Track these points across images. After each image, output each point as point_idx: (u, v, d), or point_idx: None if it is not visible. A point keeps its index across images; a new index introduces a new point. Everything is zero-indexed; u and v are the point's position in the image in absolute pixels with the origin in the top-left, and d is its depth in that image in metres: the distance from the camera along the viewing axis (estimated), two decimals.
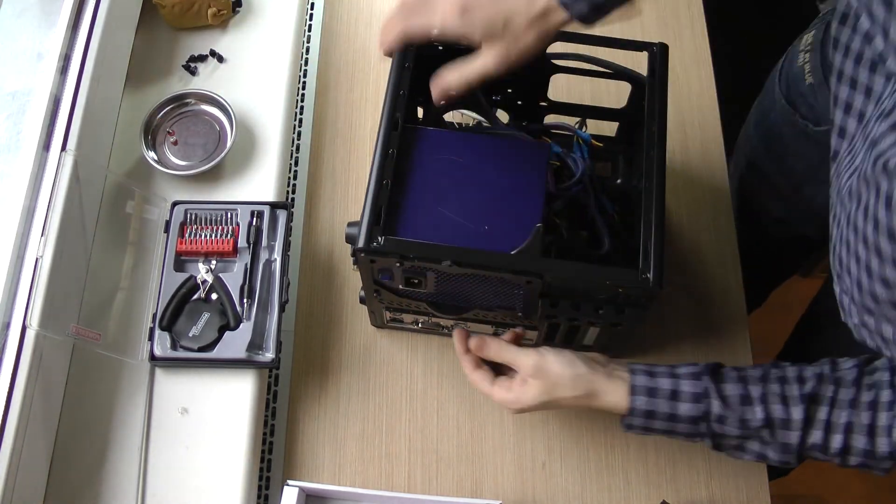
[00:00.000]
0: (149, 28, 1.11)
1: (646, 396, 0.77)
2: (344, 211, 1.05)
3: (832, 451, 0.73)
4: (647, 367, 0.79)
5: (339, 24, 1.19)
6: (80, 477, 0.87)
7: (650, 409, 0.77)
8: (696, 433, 0.77)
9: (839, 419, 0.72)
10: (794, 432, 0.74)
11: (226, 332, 0.91)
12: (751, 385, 0.76)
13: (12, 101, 0.95)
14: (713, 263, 1.03)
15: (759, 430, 0.75)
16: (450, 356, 0.97)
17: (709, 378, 0.76)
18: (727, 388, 0.76)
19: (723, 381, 0.77)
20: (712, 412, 0.75)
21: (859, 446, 0.72)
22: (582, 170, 0.90)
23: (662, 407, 0.77)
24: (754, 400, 0.75)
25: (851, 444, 0.72)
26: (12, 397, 0.80)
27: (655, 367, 0.79)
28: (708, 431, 0.77)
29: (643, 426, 0.78)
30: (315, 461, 0.92)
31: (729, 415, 0.75)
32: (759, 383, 0.76)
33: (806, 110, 0.98)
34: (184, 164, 1.02)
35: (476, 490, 0.91)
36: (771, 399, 0.74)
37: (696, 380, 0.77)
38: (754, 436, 0.76)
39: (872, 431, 0.71)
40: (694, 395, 0.76)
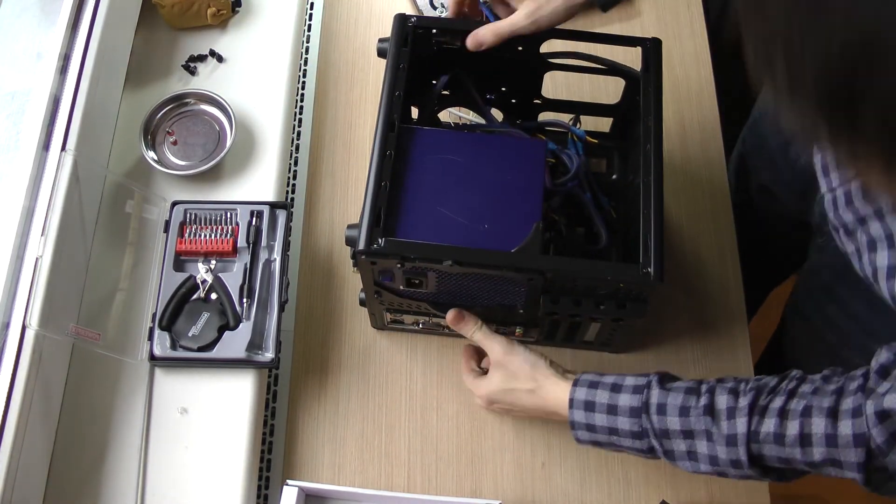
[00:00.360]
0: (148, 28, 1.11)
1: (584, 410, 0.77)
2: (343, 210, 1.05)
3: (789, 440, 0.66)
4: (592, 378, 0.78)
5: (338, 24, 1.19)
6: (79, 477, 0.87)
7: (589, 422, 0.77)
8: (639, 445, 0.75)
9: (797, 406, 0.67)
10: (739, 420, 0.68)
11: (225, 331, 0.91)
12: (702, 383, 0.73)
13: (12, 101, 0.95)
14: (713, 262, 1.03)
15: (700, 417, 0.70)
16: (449, 356, 0.97)
17: (656, 376, 0.75)
18: (674, 383, 0.75)
19: (671, 378, 0.76)
20: (651, 403, 0.73)
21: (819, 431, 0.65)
22: (577, 166, 0.90)
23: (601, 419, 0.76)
24: (700, 392, 0.72)
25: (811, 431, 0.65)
26: (12, 397, 0.80)
27: (602, 378, 0.78)
28: (650, 427, 0.73)
29: (589, 440, 0.78)
30: (314, 461, 0.92)
31: (668, 401, 0.72)
32: (712, 382, 0.73)
33: None
34: (183, 164, 1.02)
35: (476, 490, 0.91)
36: (718, 391, 0.71)
37: (638, 383, 0.76)
38: (698, 429, 0.71)
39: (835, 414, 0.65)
40: (634, 387, 0.75)
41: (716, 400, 0.71)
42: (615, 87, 0.94)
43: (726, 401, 0.70)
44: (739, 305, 1.01)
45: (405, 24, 0.88)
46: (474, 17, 0.92)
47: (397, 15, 0.89)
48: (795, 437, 0.66)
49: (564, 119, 0.97)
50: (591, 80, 1.10)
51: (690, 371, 0.97)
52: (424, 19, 0.90)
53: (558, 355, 0.90)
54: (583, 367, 0.89)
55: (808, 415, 0.66)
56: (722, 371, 0.96)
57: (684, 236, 1.04)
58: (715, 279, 1.02)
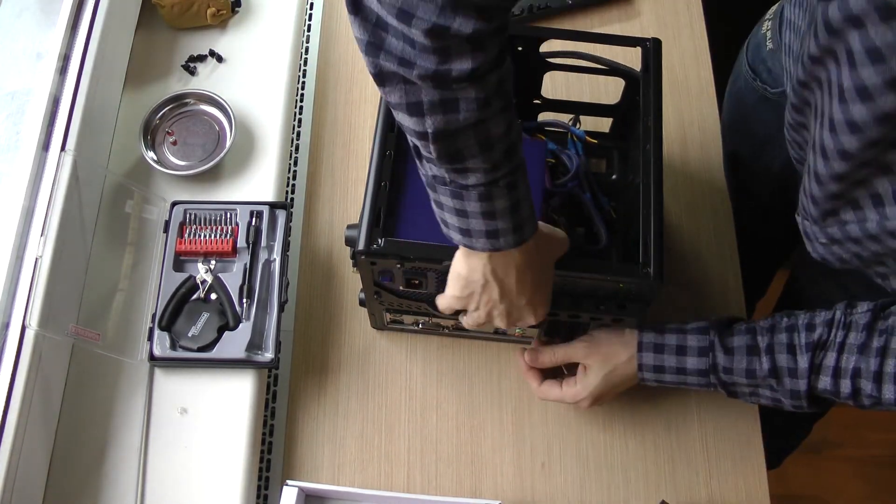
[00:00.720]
0: (148, 28, 1.11)
1: (653, 353, 0.82)
2: (343, 210, 1.05)
3: (843, 395, 0.74)
4: (657, 325, 0.83)
5: (338, 23, 1.19)
6: (79, 477, 0.87)
7: (658, 364, 0.82)
8: (707, 384, 0.81)
9: (847, 364, 0.73)
10: (801, 380, 0.76)
11: (225, 332, 0.91)
12: (758, 336, 0.78)
13: (12, 101, 0.95)
14: (712, 261, 1.03)
15: (765, 378, 0.77)
16: (449, 356, 0.97)
17: (715, 332, 0.80)
18: (733, 341, 0.79)
19: (731, 334, 0.80)
20: (718, 364, 0.79)
21: (867, 391, 0.72)
22: (577, 166, 0.90)
23: (670, 361, 0.81)
24: (760, 350, 0.77)
25: (860, 388, 0.73)
26: (12, 397, 0.80)
27: (665, 324, 0.83)
28: (718, 381, 0.80)
29: (655, 380, 0.83)
30: (314, 461, 0.92)
31: (734, 366, 0.78)
32: (766, 333, 0.78)
33: (766, 75, 1.01)
34: (183, 164, 1.02)
35: (475, 490, 0.91)
36: (777, 349, 0.77)
37: (702, 334, 0.80)
38: (763, 384, 0.78)
39: (879, 378, 0.71)
40: (699, 349, 0.80)
41: (776, 359, 0.77)
42: (615, 87, 0.94)
43: (786, 360, 0.76)
44: (739, 305, 1.01)
45: None
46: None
47: None
48: (849, 394, 0.74)
49: (564, 119, 0.97)
50: (591, 80, 1.10)
51: None
52: None
53: None
54: None
55: (857, 375, 0.73)
56: None
57: (684, 236, 1.04)
58: (715, 279, 1.02)
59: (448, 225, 0.71)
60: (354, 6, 0.60)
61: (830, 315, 0.75)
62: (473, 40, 0.58)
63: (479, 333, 0.96)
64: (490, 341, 0.97)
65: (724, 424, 0.94)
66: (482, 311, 0.77)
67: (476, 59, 0.59)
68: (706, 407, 0.95)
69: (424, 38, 0.57)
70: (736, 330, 0.80)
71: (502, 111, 0.64)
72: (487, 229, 0.68)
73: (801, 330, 0.76)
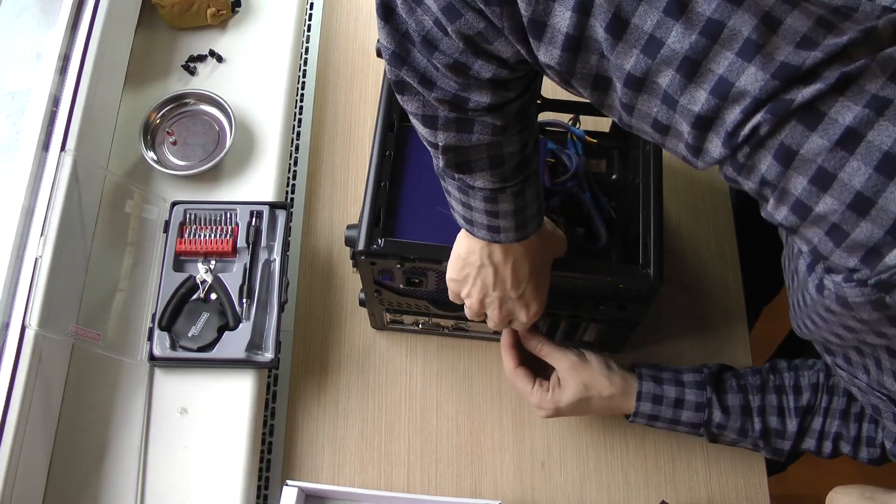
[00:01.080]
0: (148, 28, 1.11)
1: (651, 403, 0.82)
2: (343, 210, 1.05)
3: (824, 453, 0.82)
4: (653, 373, 0.83)
5: (338, 24, 1.19)
6: (79, 477, 0.87)
7: (654, 413, 0.83)
8: (695, 433, 0.84)
9: (831, 428, 0.80)
10: (787, 441, 0.81)
11: (225, 332, 0.91)
12: (751, 395, 0.82)
13: (12, 101, 0.95)
14: (713, 262, 1.03)
15: (756, 438, 0.82)
16: (449, 356, 0.97)
17: (712, 388, 0.82)
18: (728, 399, 0.82)
19: (725, 391, 0.82)
20: (713, 420, 0.82)
21: (845, 451, 0.81)
22: (576, 165, 0.90)
23: (666, 413, 0.82)
24: (753, 411, 0.81)
25: (840, 450, 0.81)
26: (12, 397, 0.80)
27: (661, 373, 0.83)
28: (707, 433, 0.84)
29: (646, 424, 0.85)
30: (314, 461, 0.92)
31: (729, 424, 0.82)
32: (758, 393, 0.82)
33: None
34: (183, 164, 1.02)
35: (475, 490, 0.91)
36: (769, 411, 0.81)
37: (699, 389, 0.82)
38: (749, 441, 0.83)
39: (858, 442, 0.80)
40: (697, 404, 0.82)
41: (767, 421, 0.81)
42: None
43: (776, 423, 0.81)
44: (739, 305, 1.01)
45: None
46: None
47: None
48: (829, 453, 0.82)
49: (564, 119, 0.97)
50: None
51: None
52: None
53: None
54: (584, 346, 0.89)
55: (839, 438, 0.80)
56: None
57: (684, 236, 1.04)
58: (715, 279, 1.02)
59: (453, 209, 0.71)
60: (385, 13, 0.58)
61: (815, 378, 0.81)
62: (494, 82, 0.57)
63: (479, 334, 0.96)
64: (490, 341, 0.97)
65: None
66: (475, 297, 0.76)
67: (496, 96, 0.58)
68: None
69: (446, 70, 0.57)
70: (729, 387, 0.82)
71: (519, 133, 0.64)
72: (489, 224, 0.69)
73: (790, 392, 0.81)
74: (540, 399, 0.84)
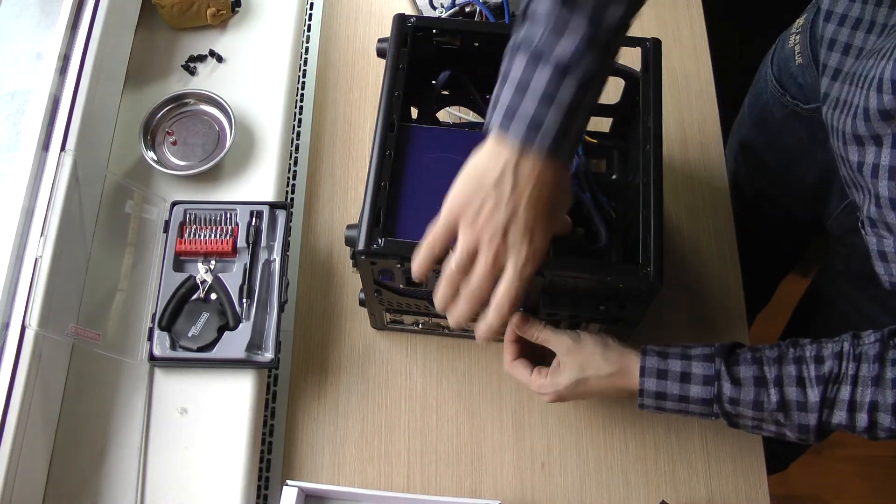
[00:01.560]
0: (148, 28, 1.11)
1: (655, 378, 0.78)
2: (343, 211, 1.05)
3: (859, 428, 0.73)
4: (659, 349, 0.80)
5: (338, 23, 1.19)
6: (79, 477, 0.87)
7: (660, 391, 0.78)
8: (709, 413, 0.78)
9: (864, 398, 0.72)
10: (811, 414, 0.73)
11: (225, 332, 0.91)
12: (766, 366, 0.76)
13: (12, 101, 0.95)
14: (713, 262, 1.03)
15: (773, 412, 0.75)
16: (449, 356, 0.97)
17: (721, 360, 0.77)
18: (740, 371, 0.76)
19: (736, 363, 0.77)
20: (724, 395, 0.76)
21: (885, 424, 0.72)
22: (576, 165, 0.90)
23: (673, 389, 0.78)
24: (769, 382, 0.75)
25: (878, 421, 0.72)
26: (12, 397, 0.80)
27: (668, 349, 0.80)
28: (721, 411, 0.77)
29: (655, 406, 0.79)
30: (314, 461, 0.92)
31: (741, 397, 0.75)
32: (774, 364, 0.75)
33: (795, 90, 1.00)
34: (183, 164, 1.02)
35: (475, 490, 0.91)
36: (786, 381, 0.74)
37: (707, 362, 0.77)
38: (769, 418, 0.76)
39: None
40: (705, 377, 0.77)
41: (785, 392, 0.74)
42: (615, 87, 0.93)
43: (796, 394, 0.74)
44: (739, 305, 1.01)
45: (405, 24, 0.88)
46: None
47: (396, 15, 0.89)
48: (865, 427, 0.72)
49: None
50: None
51: None
52: (424, 19, 0.90)
53: None
54: None
55: (874, 409, 0.71)
56: None
57: (684, 236, 1.04)
58: (715, 279, 1.02)
59: (497, 103, 0.70)
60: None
61: (839, 347, 0.74)
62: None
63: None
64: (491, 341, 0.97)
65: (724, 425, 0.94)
66: (477, 227, 0.70)
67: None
68: None
69: None
70: (742, 359, 0.77)
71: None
72: (534, 116, 0.68)
73: (810, 362, 0.74)
74: (539, 384, 0.83)
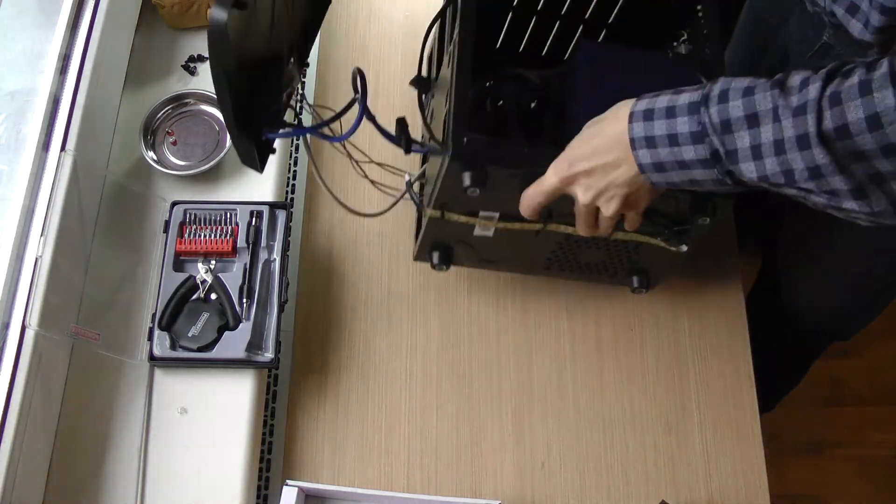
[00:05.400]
0: (148, 28, 1.11)
1: (643, 122, 0.68)
2: (343, 210, 1.05)
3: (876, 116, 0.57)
4: (646, 106, 0.69)
5: (338, 23, 1.19)
6: (79, 477, 0.87)
7: (649, 134, 0.67)
8: (701, 146, 0.65)
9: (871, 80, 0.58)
10: (813, 85, 0.59)
11: (225, 332, 0.91)
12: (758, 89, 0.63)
13: (12, 101, 0.95)
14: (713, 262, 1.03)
15: (768, 93, 0.62)
16: (449, 356, 0.97)
17: (710, 83, 0.66)
18: (730, 94, 0.64)
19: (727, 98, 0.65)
20: (712, 94, 0.64)
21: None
22: None
23: (660, 129, 0.67)
24: (773, 77, 0.63)
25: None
26: (12, 397, 0.80)
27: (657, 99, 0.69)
28: (709, 125, 0.64)
29: (652, 164, 0.68)
30: (314, 461, 0.92)
31: (732, 86, 0.64)
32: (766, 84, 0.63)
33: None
34: (183, 164, 1.02)
35: (475, 490, 0.91)
36: (793, 73, 0.62)
37: (694, 91, 0.67)
38: (764, 111, 0.62)
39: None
40: (690, 105, 0.66)
41: (789, 77, 0.62)
42: None
43: (800, 77, 0.61)
44: (739, 305, 1.01)
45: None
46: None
47: None
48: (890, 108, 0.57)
49: None
50: None
51: (690, 370, 0.97)
52: None
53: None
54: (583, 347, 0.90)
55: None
56: (722, 370, 0.97)
57: None
58: (715, 279, 1.02)
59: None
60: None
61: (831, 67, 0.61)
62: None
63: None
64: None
65: (724, 424, 0.94)
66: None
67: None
68: (706, 407, 0.95)
69: None
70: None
71: None
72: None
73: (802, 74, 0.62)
74: (531, 190, 0.75)
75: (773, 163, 0.62)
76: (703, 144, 0.65)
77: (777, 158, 0.62)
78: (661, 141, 0.67)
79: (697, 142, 0.65)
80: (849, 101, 0.58)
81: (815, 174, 0.60)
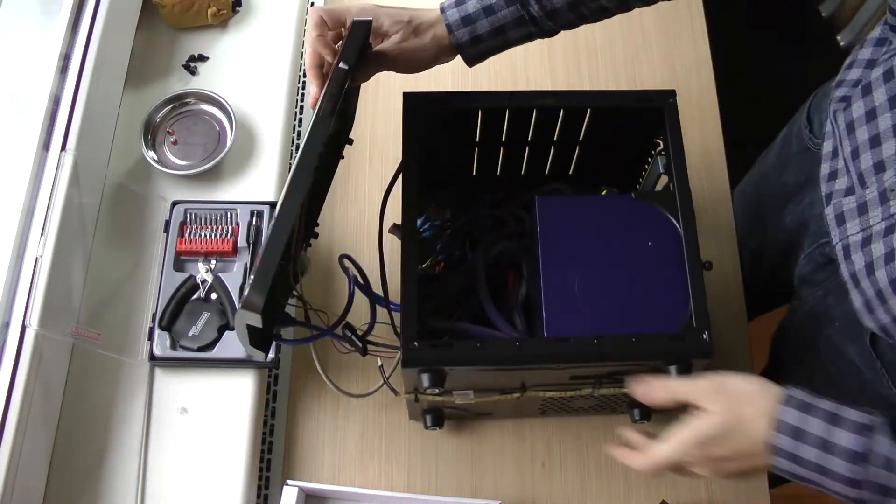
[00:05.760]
0: (149, 28, 1.11)
1: (791, 438, 0.65)
2: (343, 211, 1.05)
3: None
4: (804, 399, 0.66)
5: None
6: (80, 477, 0.87)
7: (795, 452, 0.65)
8: (853, 490, 0.63)
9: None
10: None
11: (225, 331, 0.91)
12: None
13: (12, 101, 0.95)
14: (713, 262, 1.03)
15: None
16: None
17: (886, 426, 0.63)
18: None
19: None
20: (875, 452, 0.62)
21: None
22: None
23: (814, 433, 0.64)
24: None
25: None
26: (12, 397, 0.80)
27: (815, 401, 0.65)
28: (868, 482, 0.63)
29: (789, 468, 0.67)
30: (314, 461, 0.92)
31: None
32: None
33: (817, 127, 0.95)
34: (183, 164, 1.02)
35: (476, 490, 0.91)
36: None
37: (866, 414, 0.64)
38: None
39: None
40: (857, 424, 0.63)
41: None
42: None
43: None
44: (739, 305, 1.01)
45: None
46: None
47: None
48: None
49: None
50: None
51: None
52: None
53: None
54: None
55: None
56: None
57: None
58: (715, 279, 1.02)
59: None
60: None
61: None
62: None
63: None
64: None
65: None
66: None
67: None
68: None
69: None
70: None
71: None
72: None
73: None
74: (680, 443, 0.68)
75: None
76: (856, 490, 0.63)
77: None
78: (809, 465, 0.65)
79: (851, 485, 0.63)
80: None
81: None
